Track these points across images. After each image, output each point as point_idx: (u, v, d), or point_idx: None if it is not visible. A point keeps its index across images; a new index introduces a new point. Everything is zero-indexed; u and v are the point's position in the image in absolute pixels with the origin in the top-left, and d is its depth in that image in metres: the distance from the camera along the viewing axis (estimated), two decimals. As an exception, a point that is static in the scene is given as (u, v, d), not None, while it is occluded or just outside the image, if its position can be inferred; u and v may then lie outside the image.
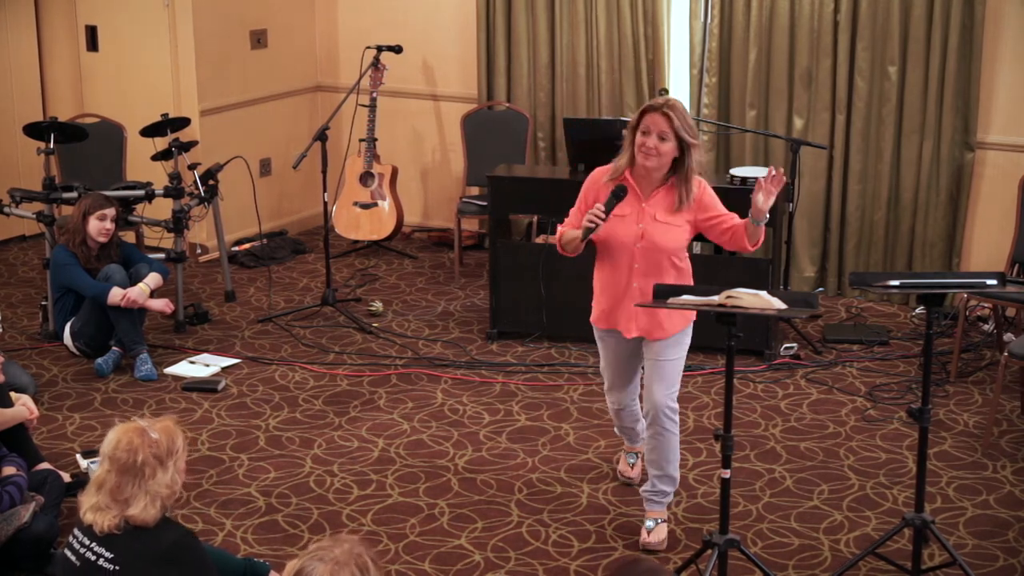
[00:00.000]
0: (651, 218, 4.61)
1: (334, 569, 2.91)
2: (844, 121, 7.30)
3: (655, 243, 4.61)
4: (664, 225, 4.61)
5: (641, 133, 4.54)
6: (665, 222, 4.61)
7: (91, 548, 3.65)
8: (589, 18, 7.86)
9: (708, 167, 7.48)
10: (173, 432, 3.74)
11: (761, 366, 6.50)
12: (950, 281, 4.53)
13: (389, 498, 5.22)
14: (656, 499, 4.90)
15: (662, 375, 4.74)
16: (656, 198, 4.63)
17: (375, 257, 8.40)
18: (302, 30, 8.88)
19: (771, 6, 7.32)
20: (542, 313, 6.74)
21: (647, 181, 4.62)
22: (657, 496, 4.89)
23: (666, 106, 4.50)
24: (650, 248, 4.62)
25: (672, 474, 4.88)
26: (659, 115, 4.50)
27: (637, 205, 4.63)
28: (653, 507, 4.90)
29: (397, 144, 8.73)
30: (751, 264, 6.81)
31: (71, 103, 8.58)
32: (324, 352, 6.77)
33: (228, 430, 5.85)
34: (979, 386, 6.26)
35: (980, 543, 4.82)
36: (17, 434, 5.00)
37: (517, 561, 4.74)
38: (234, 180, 7.87)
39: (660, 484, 4.88)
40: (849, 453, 5.57)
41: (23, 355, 6.69)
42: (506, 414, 6.00)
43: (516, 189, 6.91)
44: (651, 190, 4.63)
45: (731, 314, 4.21)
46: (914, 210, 7.26)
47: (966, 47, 6.93)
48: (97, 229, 6.52)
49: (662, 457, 4.82)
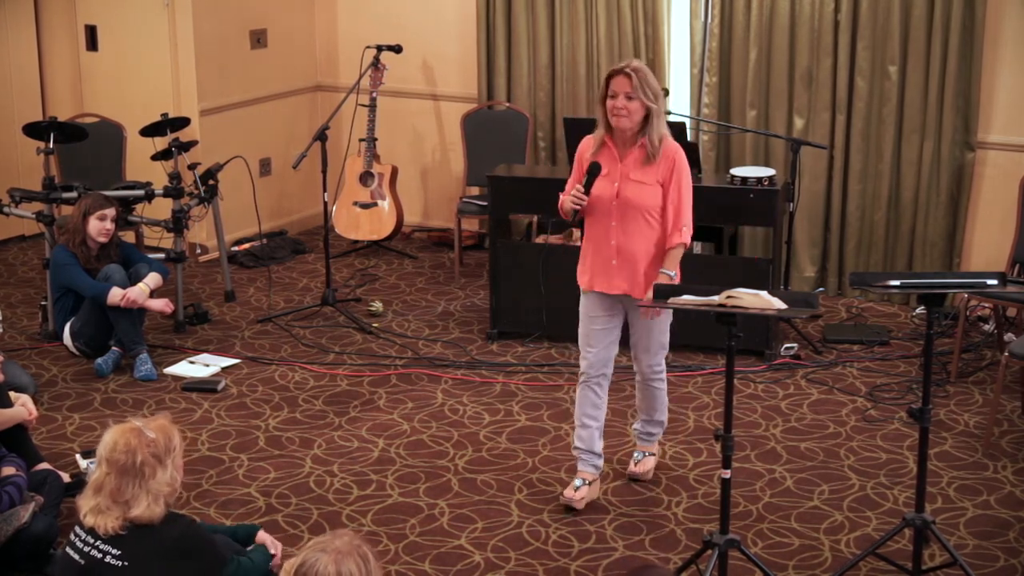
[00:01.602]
0: (625, 177, 4.94)
1: (337, 558, 2.95)
2: (844, 121, 7.29)
3: (628, 200, 4.93)
4: (637, 184, 4.93)
5: (610, 98, 4.86)
6: (638, 181, 4.93)
7: (96, 546, 3.65)
8: (589, 18, 7.86)
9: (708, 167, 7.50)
10: (169, 430, 3.74)
11: (761, 366, 6.50)
12: (950, 281, 4.53)
13: (389, 498, 5.21)
14: (646, 437, 5.39)
15: (648, 344, 5.14)
16: (630, 158, 4.95)
17: (375, 257, 8.40)
18: (302, 30, 8.88)
19: (771, 6, 7.31)
20: (542, 313, 6.74)
21: (623, 141, 4.95)
22: (646, 435, 5.39)
23: (628, 67, 4.83)
24: (625, 205, 4.94)
25: (660, 419, 5.36)
26: (622, 76, 4.82)
27: (615, 165, 4.95)
28: (642, 443, 5.41)
29: (397, 144, 8.73)
30: (751, 264, 6.81)
31: (71, 103, 8.58)
32: (324, 352, 6.77)
33: (228, 430, 5.85)
34: (979, 386, 6.25)
35: (981, 543, 4.81)
36: (17, 434, 5.00)
37: (517, 561, 4.73)
38: (234, 180, 7.86)
39: (649, 427, 5.38)
40: (849, 453, 5.57)
41: (23, 355, 6.69)
42: (506, 414, 6.00)
43: (516, 189, 6.91)
44: (626, 151, 4.96)
45: (731, 314, 4.21)
46: (914, 210, 7.26)
47: (966, 47, 6.93)
48: (97, 229, 6.52)
49: (651, 406, 5.32)
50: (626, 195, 4.91)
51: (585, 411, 5.15)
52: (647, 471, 5.33)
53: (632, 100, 4.81)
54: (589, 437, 5.15)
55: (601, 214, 4.97)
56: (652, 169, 4.90)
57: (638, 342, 5.15)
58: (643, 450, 5.39)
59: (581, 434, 5.16)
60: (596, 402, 5.14)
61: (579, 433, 5.17)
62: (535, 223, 7.79)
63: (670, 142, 4.94)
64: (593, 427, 5.15)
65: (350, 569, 2.95)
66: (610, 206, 4.94)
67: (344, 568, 2.95)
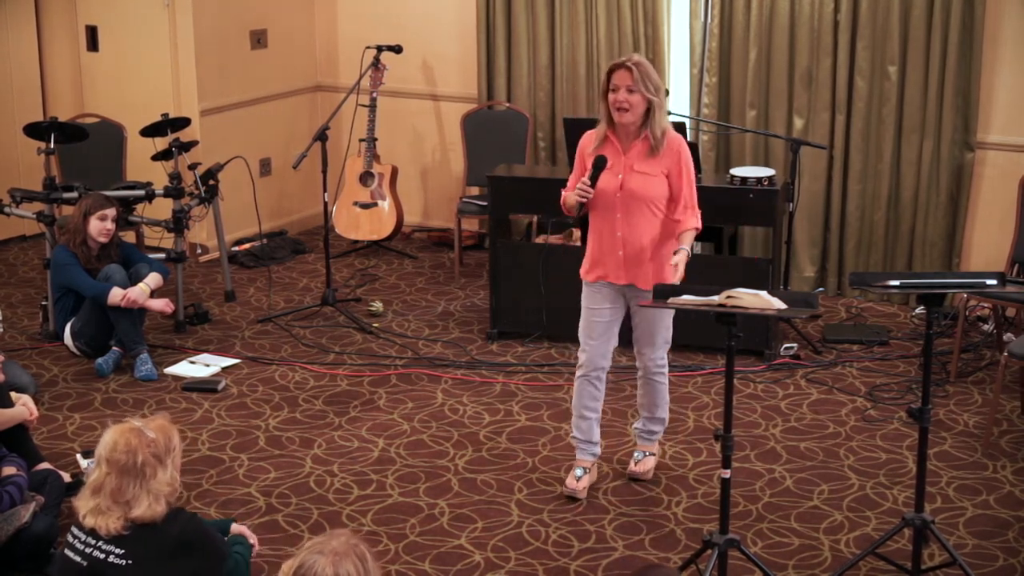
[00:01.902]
0: (630, 169, 4.98)
1: (335, 560, 2.95)
2: (844, 121, 7.30)
3: (633, 191, 4.97)
4: (642, 175, 4.96)
5: (611, 92, 4.91)
6: (643, 172, 4.97)
7: (98, 547, 3.64)
8: (589, 18, 7.86)
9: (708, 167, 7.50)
10: (168, 429, 3.74)
11: (761, 366, 6.50)
12: (950, 281, 4.54)
13: (389, 498, 5.22)
14: (647, 436, 5.40)
15: (651, 338, 5.16)
16: (634, 150, 4.98)
17: (375, 257, 8.40)
18: (302, 30, 8.88)
19: (771, 6, 7.32)
20: (542, 313, 6.75)
21: (626, 135, 4.99)
22: (647, 434, 5.40)
23: (629, 61, 4.89)
24: (629, 197, 4.97)
25: (661, 416, 5.36)
26: (623, 70, 4.88)
27: (619, 158, 4.99)
28: (643, 442, 5.41)
29: (397, 144, 8.73)
30: (751, 264, 6.81)
31: (71, 103, 8.58)
32: (324, 352, 6.77)
33: (228, 430, 5.85)
34: (979, 386, 6.26)
35: (980, 543, 4.82)
36: (17, 434, 5.00)
37: (517, 561, 4.74)
38: (234, 180, 7.87)
39: (650, 425, 5.38)
40: (849, 453, 5.57)
41: (23, 355, 6.69)
42: (506, 414, 6.00)
43: (516, 189, 6.91)
44: (629, 143, 4.99)
45: (731, 314, 4.21)
46: (914, 210, 7.26)
47: (966, 47, 6.93)
48: (98, 229, 6.52)
49: (652, 402, 5.32)
50: (631, 187, 4.96)
51: (584, 403, 5.22)
52: (647, 471, 5.35)
53: (633, 93, 4.86)
54: (588, 428, 5.25)
55: (605, 207, 5.02)
56: (656, 161, 4.95)
57: (641, 336, 5.17)
58: (643, 449, 5.40)
59: (580, 425, 5.25)
60: (595, 394, 5.22)
61: (577, 424, 5.26)
62: (535, 223, 7.79)
63: (672, 133, 5.00)
64: (592, 418, 5.25)
65: (348, 570, 2.95)
66: (614, 198, 4.98)
67: (342, 569, 2.95)
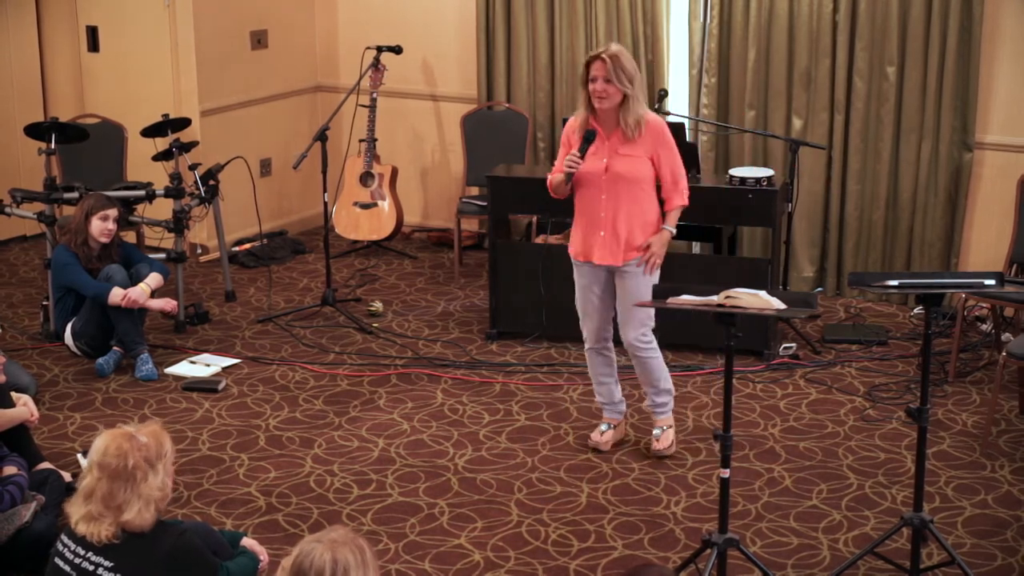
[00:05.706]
0: (614, 152, 5.24)
1: (333, 547, 2.99)
2: (843, 121, 7.31)
3: (618, 173, 5.23)
4: (626, 157, 5.23)
5: (590, 82, 5.16)
6: (626, 154, 5.23)
7: (87, 558, 3.63)
8: (589, 18, 7.87)
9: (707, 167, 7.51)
10: (160, 435, 3.74)
11: (760, 366, 6.51)
12: (948, 281, 4.54)
13: (389, 498, 5.23)
14: (658, 410, 5.54)
15: (629, 318, 5.35)
16: (616, 135, 5.25)
17: (375, 257, 8.41)
18: (302, 30, 8.89)
19: (770, 7, 7.33)
20: (542, 313, 6.76)
21: (607, 121, 5.24)
22: (658, 408, 5.54)
23: (605, 53, 5.13)
24: (615, 178, 5.23)
25: (666, 387, 5.50)
26: (599, 61, 5.12)
27: (602, 143, 5.25)
28: (658, 417, 5.55)
29: (397, 144, 8.74)
30: (750, 264, 6.83)
31: (72, 103, 8.59)
32: (324, 352, 6.78)
33: (228, 430, 5.86)
34: (977, 386, 6.27)
35: (978, 542, 4.83)
36: (18, 434, 5.02)
37: (517, 561, 4.75)
38: (234, 180, 7.88)
39: (657, 398, 5.52)
40: (848, 453, 5.59)
41: (24, 355, 6.70)
42: (506, 414, 6.02)
43: (516, 189, 6.92)
44: (611, 129, 5.24)
45: (730, 314, 4.22)
46: (913, 210, 7.27)
47: (964, 47, 6.94)
48: (99, 229, 6.53)
49: (651, 378, 5.48)
50: (616, 169, 5.22)
51: (598, 371, 5.58)
52: (668, 445, 5.50)
53: (610, 83, 5.11)
54: (608, 392, 5.61)
55: (590, 188, 5.28)
56: (639, 143, 5.22)
57: (622, 315, 5.42)
58: (660, 425, 5.54)
59: (600, 390, 5.63)
60: (606, 362, 5.55)
61: (598, 390, 5.64)
62: (535, 223, 7.80)
63: (651, 116, 5.25)
64: (610, 383, 5.60)
65: (346, 557, 2.98)
66: (600, 180, 5.25)
67: (340, 555, 2.97)
